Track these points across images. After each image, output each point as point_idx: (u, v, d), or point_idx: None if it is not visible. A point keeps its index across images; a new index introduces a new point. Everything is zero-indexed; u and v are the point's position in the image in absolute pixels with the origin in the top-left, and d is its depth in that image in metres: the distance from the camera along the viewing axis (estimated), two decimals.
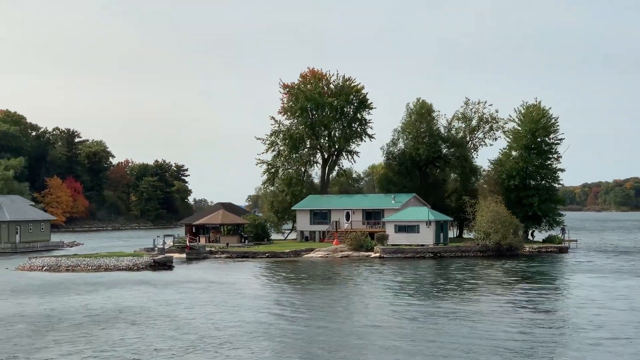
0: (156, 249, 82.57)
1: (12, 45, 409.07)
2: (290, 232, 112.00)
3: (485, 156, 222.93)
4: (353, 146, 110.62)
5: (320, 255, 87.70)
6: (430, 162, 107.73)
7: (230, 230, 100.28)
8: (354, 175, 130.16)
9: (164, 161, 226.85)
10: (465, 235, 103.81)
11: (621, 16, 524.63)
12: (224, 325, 38.15)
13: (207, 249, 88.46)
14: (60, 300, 48.48)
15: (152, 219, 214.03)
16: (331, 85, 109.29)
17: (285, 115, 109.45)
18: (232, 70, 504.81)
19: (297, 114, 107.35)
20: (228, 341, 33.71)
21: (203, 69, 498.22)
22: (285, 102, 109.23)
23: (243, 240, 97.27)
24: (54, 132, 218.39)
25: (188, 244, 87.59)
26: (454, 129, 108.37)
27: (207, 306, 45.34)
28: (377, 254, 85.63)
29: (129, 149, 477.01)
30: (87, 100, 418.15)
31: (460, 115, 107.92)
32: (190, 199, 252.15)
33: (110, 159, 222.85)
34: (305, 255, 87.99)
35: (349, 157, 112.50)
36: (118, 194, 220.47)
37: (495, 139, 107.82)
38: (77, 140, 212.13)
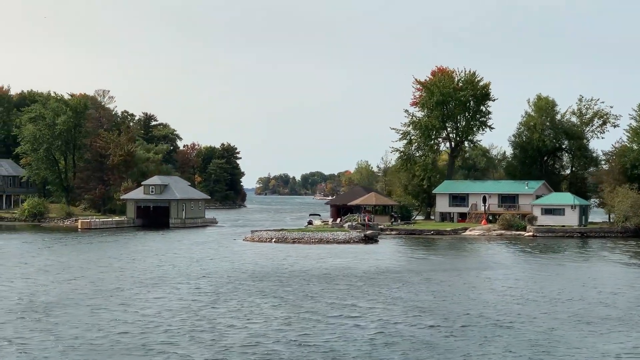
0: (345, 225, 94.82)
1: (67, 26, 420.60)
2: (418, 214, 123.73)
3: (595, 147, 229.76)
4: (477, 136, 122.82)
5: (477, 234, 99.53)
6: (552, 152, 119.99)
7: (378, 211, 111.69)
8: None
9: (230, 144, 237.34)
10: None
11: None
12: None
13: (379, 226, 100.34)
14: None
15: (220, 200, 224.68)
16: (460, 83, 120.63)
17: (418, 108, 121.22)
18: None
19: (431, 107, 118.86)
20: None
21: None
22: (418, 96, 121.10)
23: (395, 220, 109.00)
24: (123, 115, 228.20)
25: (367, 222, 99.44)
26: (569, 123, 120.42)
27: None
28: (530, 233, 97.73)
29: None
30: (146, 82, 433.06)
31: (576, 111, 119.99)
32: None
33: (178, 141, 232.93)
34: (463, 234, 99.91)
35: (471, 145, 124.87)
36: (186, 175, 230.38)
37: (604, 132, 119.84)
38: (152, 123, 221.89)
